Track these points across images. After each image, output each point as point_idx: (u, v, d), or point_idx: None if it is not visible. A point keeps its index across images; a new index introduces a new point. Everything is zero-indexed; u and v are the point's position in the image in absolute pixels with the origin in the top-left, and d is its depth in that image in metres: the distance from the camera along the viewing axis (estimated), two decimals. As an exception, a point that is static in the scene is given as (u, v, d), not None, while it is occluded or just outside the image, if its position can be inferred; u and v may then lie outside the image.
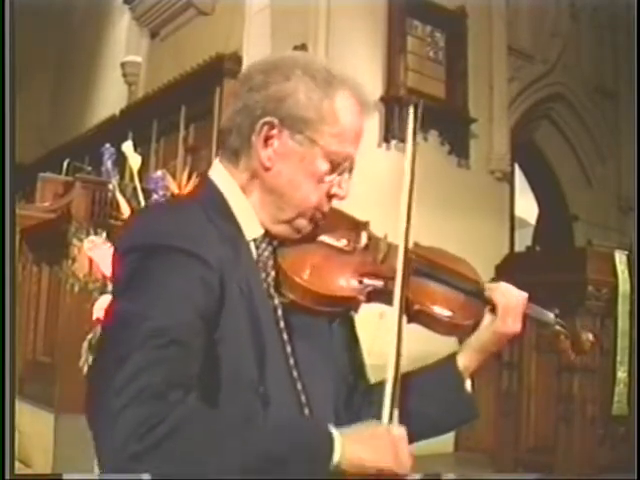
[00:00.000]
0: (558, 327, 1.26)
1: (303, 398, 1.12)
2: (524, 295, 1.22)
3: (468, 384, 1.25)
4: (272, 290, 1.14)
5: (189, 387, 0.97)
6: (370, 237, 1.21)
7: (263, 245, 1.16)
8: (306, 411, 1.12)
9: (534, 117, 6.64)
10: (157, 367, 0.95)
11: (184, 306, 1.01)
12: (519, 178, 6.73)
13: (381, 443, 1.02)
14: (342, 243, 1.19)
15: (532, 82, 6.36)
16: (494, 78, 5.65)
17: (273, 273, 1.15)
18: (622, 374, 4.04)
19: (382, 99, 5.00)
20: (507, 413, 4.26)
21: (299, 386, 1.12)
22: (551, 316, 1.27)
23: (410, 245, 1.19)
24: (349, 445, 0.99)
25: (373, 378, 1.29)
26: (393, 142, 5.00)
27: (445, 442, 4.62)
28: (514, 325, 1.20)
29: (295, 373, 1.12)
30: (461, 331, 1.23)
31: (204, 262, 1.04)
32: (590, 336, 1.27)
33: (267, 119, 1.12)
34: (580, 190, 6.96)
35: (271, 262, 1.16)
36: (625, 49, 6.62)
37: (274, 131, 1.13)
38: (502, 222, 5.71)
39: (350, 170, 1.18)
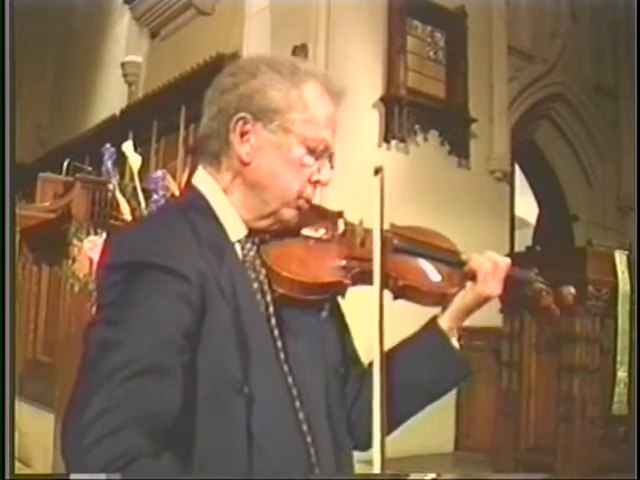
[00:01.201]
0: (539, 284, 1.32)
1: (294, 392, 1.14)
2: (507, 260, 1.27)
3: (454, 341, 1.28)
4: (265, 287, 1.16)
5: (163, 421, 0.98)
6: (346, 224, 1.25)
7: (248, 245, 1.19)
8: (297, 404, 1.14)
9: (534, 117, 6.63)
10: (124, 403, 0.95)
11: (166, 327, 1.02)
12: (519, 178, 6.72)
13: None
14: (321, 233, 1.23)
15: (532, 82, 6.36)
16: (494, 78, 5.65)
17: (264, 271, 1.17)
18: (622, 374, 4.04)
19: (382, 99, 5.00)
20: (507, 413, 4.26)
21: (290, 380, 1.14)
22: (531, 274, 1.33)
23: (386, 226, 1.22)
24: None
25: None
26: (393, 142, 5.00)
27: (445, 442, 4.62)
28: (495, 287, 1.25)
29: (286, 367, 1.14)
30: (447, 300, 1.27)
31: (184, 278, 1.06)
32: (571, 289, 1.31)
33: (240, 115, 1.16)
34: (580, 190, 6.96)
35: (258, 261, 1.18)
36: (625, 49, 6.62)
37: (248, 126, 1.16)
38: (502, 222, 5.71)
39: (330, 157, 1.20)
